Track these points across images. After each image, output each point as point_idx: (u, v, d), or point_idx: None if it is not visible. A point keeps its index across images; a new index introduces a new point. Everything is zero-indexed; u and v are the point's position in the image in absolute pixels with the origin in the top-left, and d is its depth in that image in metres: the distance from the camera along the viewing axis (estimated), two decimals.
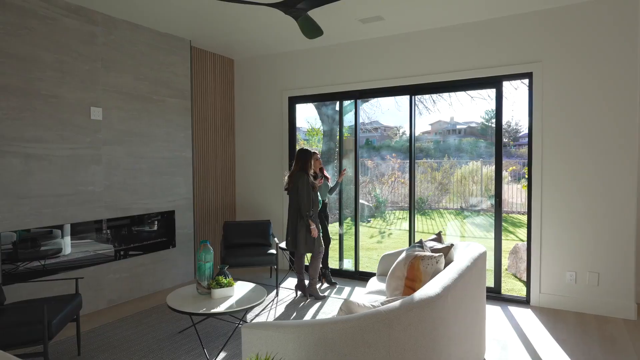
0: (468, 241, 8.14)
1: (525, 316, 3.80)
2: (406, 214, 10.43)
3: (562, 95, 3.90)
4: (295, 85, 5.36)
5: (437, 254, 2.56)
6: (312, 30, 3.24)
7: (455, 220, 9.47)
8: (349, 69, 4.98)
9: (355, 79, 4.93)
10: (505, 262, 5.88)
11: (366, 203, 10.08)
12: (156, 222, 4.65)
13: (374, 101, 11.43)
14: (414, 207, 4.76)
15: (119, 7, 3.94)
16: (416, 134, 4.71)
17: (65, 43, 3.76)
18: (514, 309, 3.99)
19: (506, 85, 4.30)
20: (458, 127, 10.51)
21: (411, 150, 4.70)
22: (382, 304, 2.00)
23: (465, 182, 10.34)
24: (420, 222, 9.71)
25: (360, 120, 5.13)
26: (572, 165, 3.87)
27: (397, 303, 1.78)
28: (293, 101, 5.43)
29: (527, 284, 4.13)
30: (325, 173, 4.77)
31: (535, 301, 4.06)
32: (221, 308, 3.00)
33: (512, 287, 4.92)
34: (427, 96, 9.38)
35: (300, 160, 4.25)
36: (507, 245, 6.65)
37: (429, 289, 1.94)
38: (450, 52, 4.39)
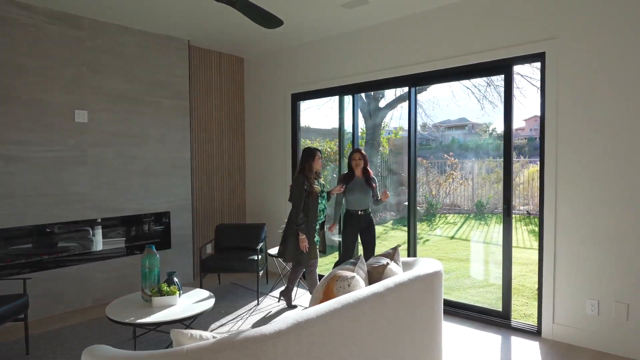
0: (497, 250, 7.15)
1: (528, 352, 3.11)
2: (458, 218, 9.59)
3: (582, 81, 3.11)
4: (297, 82, 5.06)
5: (350, 275, 2.12)
6: (264, 19, 2.94)
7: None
8: (346, 62, 4.56)
9: (352, 72, 4.50)
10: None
11: None
12: (150, 223, 4.67)
13: (432, 97, 10.66)
14: (414, 212, 4.19)
15: (107, 11, 3.97)
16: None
17: (48, 49, 3.88)
18: (518, 341, 3.29)
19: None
20: None
21: (410, 148, 4.15)
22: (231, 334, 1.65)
23: (534, 183, 9.22)
24: (470, 228, 8.84)
25: (423, 119, 4.39)
26: (594, 168, 3.08)
27: (210, 342, 1.43)
28: (296, 98, 5.14)
29: (539, 311, 3.39)
30: (371, 179, 4.01)
31: (547, 333, 3.31)
32: (152, 318, 2.83)
33: (534, 311, 4.10)
34: (491, 89, 8.46)
35: (301, 161, 3.88)
36: None
37: (271, 325, 1.55)
38: (449, 35, 3.78)
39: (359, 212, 3.95)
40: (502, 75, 3.58)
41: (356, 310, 1.80)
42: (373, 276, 2.39)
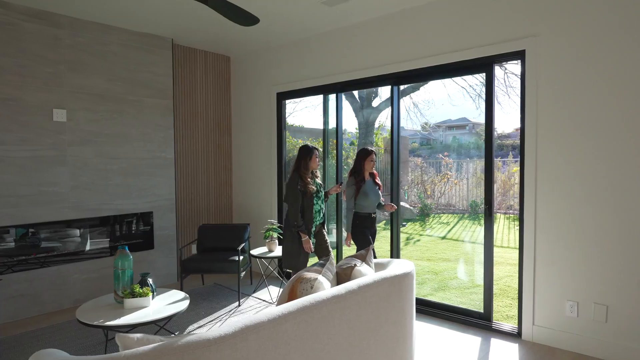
0: (479, 249, 7.10)
1: (507, 354, 3.05)
2: (452, 218, 9.54)
3: (563, 78, 3.06)
4: (282, 81, 5.01)
5: (314, 277, 2.07)
6: (238, 16, 2.90)
7: (503, 227, 8.35)
8: (330, 61, 4.51)
9: (336, 70, 4.45)
10: None
11: (406, 206, 9.33)
12: (131, 223, 4.62)
13: (428, 96, 10.63)
14: (397, 212, 4.14)
15: (87, 9, 3.93)
16: (508, 131, 3.84)
17: (25, 47, 3.84)
18: (497, 343, 3.24)
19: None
20: None
21: (392, 148, 4.10)
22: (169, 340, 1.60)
23: None
24: (462, 228, 8.79)
25: (419, 119, 4.20)
26: (574, 168, 3.02)
27: (149, 347, 1.38)
28: (281, 97, 5.09)
29: (519, 312, 3.34)
30: (377, 180, 3.93)
31: (527, 335, 3.26)
32: (122, 320, 2.78)
33: None
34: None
35: (296, 159, 3.72)
36: None
37: (217, 329, 1.50)
38: (431, 33, 3.73)
39: (372, 215, 3.85)
40: (484, 74, 3.53)
41: (313, 314, 1.76)
42: (341, 278, 2.35)
